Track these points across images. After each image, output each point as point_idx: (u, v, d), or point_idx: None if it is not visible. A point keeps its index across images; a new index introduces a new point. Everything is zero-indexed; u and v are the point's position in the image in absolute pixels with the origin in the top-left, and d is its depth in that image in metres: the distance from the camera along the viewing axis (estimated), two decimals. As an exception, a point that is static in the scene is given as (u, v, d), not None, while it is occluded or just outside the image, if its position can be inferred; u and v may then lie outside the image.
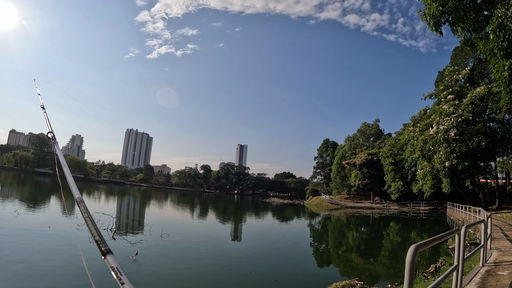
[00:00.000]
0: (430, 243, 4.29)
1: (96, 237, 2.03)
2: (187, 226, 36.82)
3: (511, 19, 11.14)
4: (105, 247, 1.95)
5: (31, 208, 35.98)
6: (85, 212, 2.32)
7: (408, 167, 69.55)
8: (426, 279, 12.78)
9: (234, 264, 18.72)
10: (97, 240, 2.01)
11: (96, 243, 2.00)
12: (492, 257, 10.46)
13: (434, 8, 13.02)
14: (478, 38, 13.91)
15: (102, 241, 2.00)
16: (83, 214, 2.32)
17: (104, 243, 1.98)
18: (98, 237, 2.03)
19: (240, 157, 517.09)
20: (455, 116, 47.34)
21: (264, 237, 32.55)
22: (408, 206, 76.01)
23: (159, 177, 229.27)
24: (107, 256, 1.90)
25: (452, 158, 47.21)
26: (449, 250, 19.18)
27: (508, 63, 12.09)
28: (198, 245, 24.00)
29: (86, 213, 2.31)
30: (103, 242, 1.99)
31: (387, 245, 31.24)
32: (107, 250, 1.93)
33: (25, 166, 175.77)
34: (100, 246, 1.97)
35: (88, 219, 2.23)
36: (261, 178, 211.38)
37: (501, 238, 16.23)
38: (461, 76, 55.95)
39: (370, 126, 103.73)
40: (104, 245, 1.96)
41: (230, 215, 57.33)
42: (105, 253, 1.92)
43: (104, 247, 1.95)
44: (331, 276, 16.86)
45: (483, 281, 7.27)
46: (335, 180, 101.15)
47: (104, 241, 2.00)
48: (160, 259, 17.61)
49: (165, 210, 58.32)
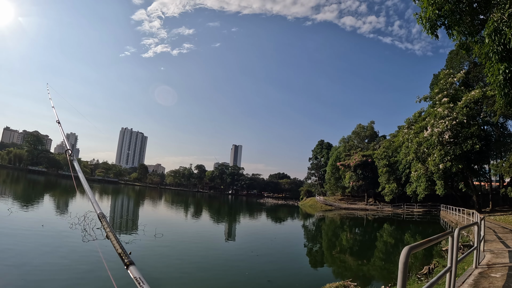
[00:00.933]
0: (424, 245, 4.30)
1: (119, 250, 2.22)
2: (181, 226, 36.77)
3: (506, 24, 11.20)
4: (128, 259, 2.13)
5: (24, 206, 35.77)
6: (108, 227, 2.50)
7: (402, 169, 69.70)
8: (420, 280, 12.83)
9: (227, 264, 18.71)
10: (119, 253, 2.20)
11: (119, 256, 2.18)
12: (485, 259, 10.51)
13: (430, 11, 13.07)
14: (473, 41, 13.98)
15: (124, 254, 2.17)
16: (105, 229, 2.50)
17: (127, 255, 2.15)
18: (121, 250, 2.21)
19: (234, 157, 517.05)
20: (450, 119, 47.53)
21: (258, 238, 32.56)
22: (402, 208, 76.25)
23: (153, 176, 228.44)
24: (130, 267, 2.08)
25: (446, 161, 47.40)
26: (442, 252, 19.24)
27: (503, 67, 12.16)
28: (192, 245, 23.99)
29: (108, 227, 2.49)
30: (125, 254, 2.16)
31: (381, 247, 31.34)
32: (130, 262, 2.10)
33: (19, 164, 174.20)
34: (123, 258, 2.15)
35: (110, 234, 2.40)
36: (255, 178, 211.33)
37: (494, 240, 16.32)
38: (456, 79, 56.24)
39: (365, 128, 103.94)
40: (126, 257, 2.14)
41: (224, 216, 57.27)
42: (128, 264, 2.09)
43: (126, 259, 2.13)
44: (325, 277, 16.88)
45: (476, 283, 7.30)
46: (330, 181, 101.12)
47: (126, 253, 2.17)
48: (153, 259, 17.58)
49: (159, 209, 58.20)
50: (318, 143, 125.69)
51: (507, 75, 12.23)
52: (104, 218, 2.61)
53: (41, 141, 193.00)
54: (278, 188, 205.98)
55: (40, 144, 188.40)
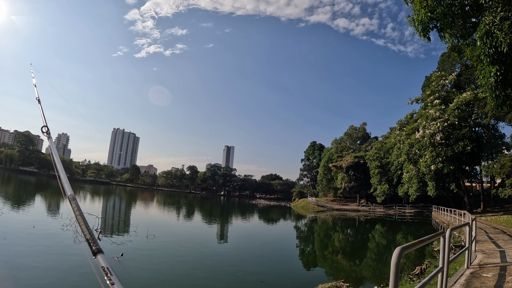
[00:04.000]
0: (415, 246, 4.32)
1: (87, 235, 2.01)
2: (173, 227, 36.64)
3: (498, 27, 11.29)
4: (96, 246, 1.94)
5: (15, 207, 35.42)
6: (77, 210, 2.29)
7: (394, 170, 69.98)
8: (412, 281, 12.89)
9: (220, 265, 18.66)
10: (88, 238, 1.99)
11: (87, 242, 1.98)
12: (476, 259, 10.59)
13: (423, 14, 13.13)
14: (465, 44, 14.06)
15: (93, 240, 1.98)
16: (75, 212, 2.29)
17: (95, 242, 1.96)
18: (89, 235, 2.00)
19: (227, 158, 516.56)
20: (441, 121, 47.91)
21: (250, 239, 32.55)
22: (394, 209, 76.56)
23: (145, 177, 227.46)
24: (98, 255, 1.90)
25: (438, 162, 47.77)
26: (434, 253, 19.36)
27: (494, 69, 12.25)
28: (184, 246, 23.90)
29: (78, 211, 2.28)
30: (94, 241, 1.97)
31: (373, 247, 31.43)
32: (97, 250, 1.92)
33: (10, 164, 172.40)
34: (91, 245, 1.96)
35: (79, 217, 2.20)
36: (247, 179, 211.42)
37: (486, 240, 16.44)
38: (447, 82, 56.68)
39: (357, 129, 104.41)
40: (95, 244, 1.95)
41: (216, 217, 57.12)
42: (96, 252, 1.91)
43: (95, 246, 1.94)
44: (317, 278, 16.89)
45: (468, 283, 7.35)
46: (322, 182, 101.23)
47: (95, 240, 1.98)
48: (145, 260, 17.49)
49: (151, 211, 57.92)
50: (310, 144, 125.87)
51: (498, 78, 12.33)
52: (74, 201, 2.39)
53: (33, 142, 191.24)
54: (270, 189, 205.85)
55: (31, 145, 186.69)
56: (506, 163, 42.87)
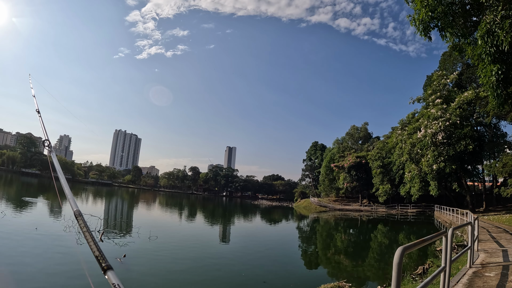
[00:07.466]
0: (418, 245, 4.32)
1: (96, 252, 2.00)
2: (176, 228, 36.63)
3: (499, 25, 11.29)
4: (106, 263, 1.92)
5: (17, 209, 35.46)
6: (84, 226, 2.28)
7: (396, 170, 69.97)
8: (414, 280, 12.88)
9: (223, 266, 18.66)
10: (97, 256, 1.98)
11: (96, 259, 1.97)
12: (479, 259, 10.57)
13: (424, 13, 13.13)
14: (466, 43, 14.05)
15: (102, 257, 1.97)
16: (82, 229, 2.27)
17: (104, 259, 1.95)
18: (98, 252, 2.00)
19: (228, 159, 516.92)
20: (443, 120, 47.82)
21: (253, 239, 32.53)
22: (396, 209, 76.56)
23: (147, 178, 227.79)
24: (108, 272, 1.88)
25: (440, 161, 47.69)
26: (436, 252, 19.34)
27: (495, 68, 12.26)
28: (187, 247, 23.89)
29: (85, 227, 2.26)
30: (103, 257, 1.96)
31: (375, 247, 31.40)
32: (107, 266, 1.90)
33: (12, 166, 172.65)
34: (100, 262, 1.94)
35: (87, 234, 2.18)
36: (249, 180, 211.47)
37: (488, 240, 16.42)
38: (449, 81, 56.54)
39: (358, 129, 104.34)
40: (104, 261, 1.94)
41: (219, 217, 57.14)
42: (106, 269, 1.89)
43: (104, 263, 1.93)
44: (320, 278, 16.88)
45: (470, 283, 7.34)
46: (324, 182, 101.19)
47: (104, 256, 1.97)
48: (148, 261, 17.49)
49: (153, 212, 57.97)
50: (312, 144, 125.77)
51: (499, 76, 12.33)
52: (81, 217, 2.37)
53: (35, 143, 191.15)
54: (272, 190, 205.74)
55: (33, 146, 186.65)
56: (508, 162, 42.73)
